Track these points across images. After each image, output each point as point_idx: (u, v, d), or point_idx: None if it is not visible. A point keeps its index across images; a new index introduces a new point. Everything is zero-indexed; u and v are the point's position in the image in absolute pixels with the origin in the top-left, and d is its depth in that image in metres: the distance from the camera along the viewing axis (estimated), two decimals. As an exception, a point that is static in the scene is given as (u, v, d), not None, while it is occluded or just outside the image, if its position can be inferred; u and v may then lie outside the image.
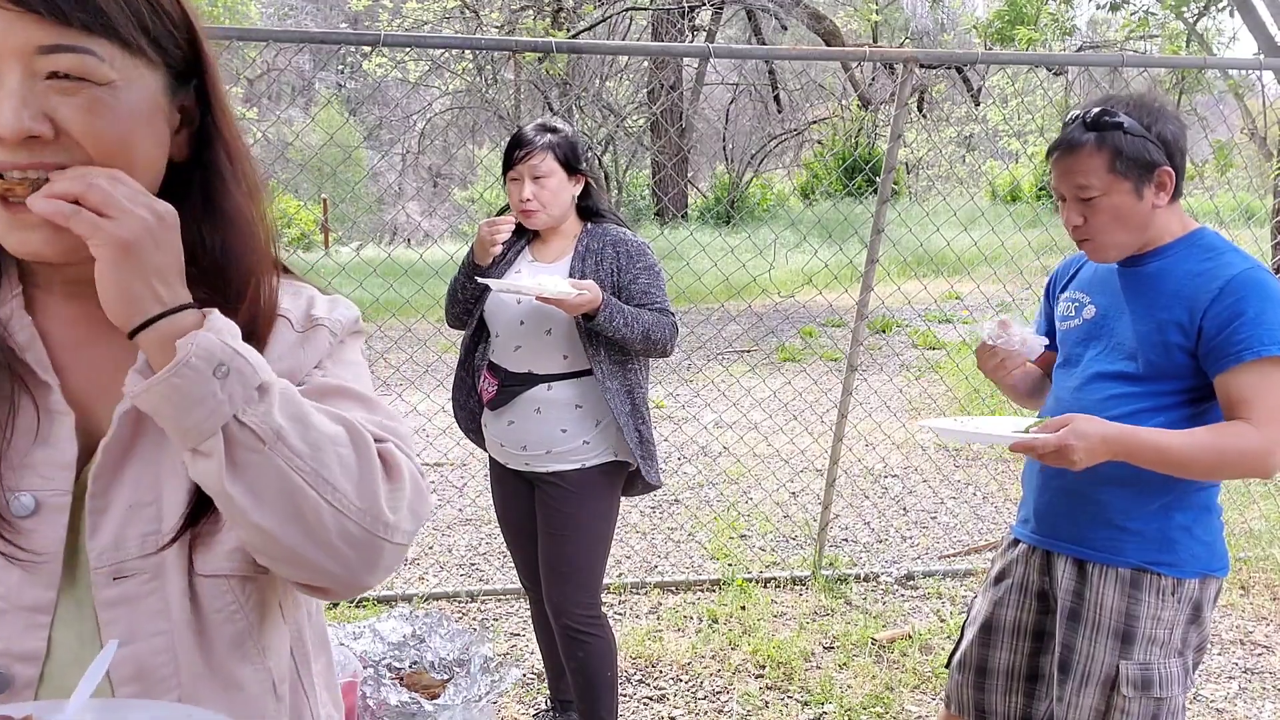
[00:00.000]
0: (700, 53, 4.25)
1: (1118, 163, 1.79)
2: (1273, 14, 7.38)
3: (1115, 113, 1.80)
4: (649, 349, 2.49)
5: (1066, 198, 1.86)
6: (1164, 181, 1.82)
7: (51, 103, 0.75)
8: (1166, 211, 1.85)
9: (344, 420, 0.82)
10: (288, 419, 0.77)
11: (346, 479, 0.79)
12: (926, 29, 20.23)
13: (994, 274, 5.57)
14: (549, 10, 15.76)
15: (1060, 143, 1.86)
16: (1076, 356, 1.98)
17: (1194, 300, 1.78)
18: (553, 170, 2.52)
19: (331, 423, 0.81)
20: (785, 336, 9.50)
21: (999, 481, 5.47)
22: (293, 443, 0.77)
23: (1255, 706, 3.14)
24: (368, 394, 0.92)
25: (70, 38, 0.75)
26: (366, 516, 0.80)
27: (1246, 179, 8.82)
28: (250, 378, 0.76)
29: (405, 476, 0.85)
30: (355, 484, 0.80)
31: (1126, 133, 1.79)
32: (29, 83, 0.74)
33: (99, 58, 0.76)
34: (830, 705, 3.09)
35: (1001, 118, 17.28)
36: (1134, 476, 1.84)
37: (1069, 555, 1.94)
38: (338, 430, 0.81)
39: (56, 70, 0.75)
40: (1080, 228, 1.86)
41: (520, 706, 3.08)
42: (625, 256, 2.52)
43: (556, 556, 2.53)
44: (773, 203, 16.88)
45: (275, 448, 0.76)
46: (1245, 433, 1.71)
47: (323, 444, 0.79)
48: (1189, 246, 1.85)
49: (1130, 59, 3.91)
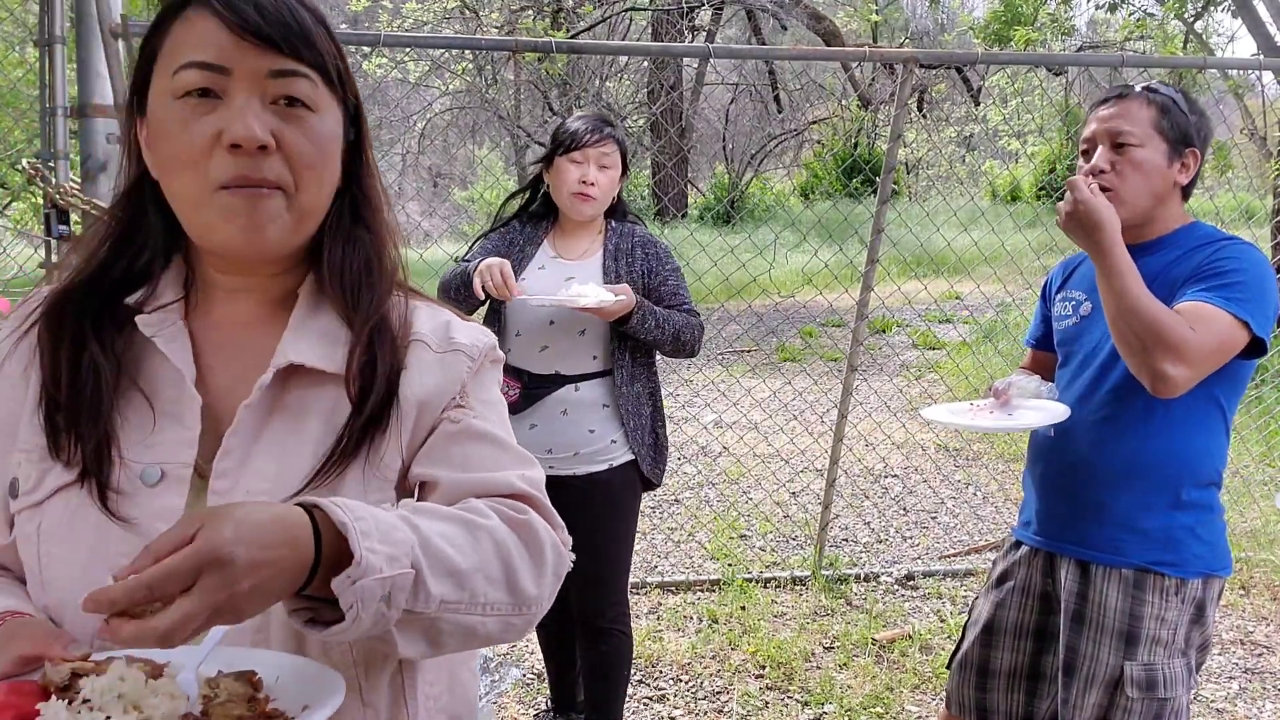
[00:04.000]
0: (700, 53, 4.25)
1: (1164, 121, 1.82)
2: (1272, 14, 7.38)
3: (1164, 89, 1.86)
4: (678, 350, 2.49)
5: (1099, 143, 1.86)
6: (1189, 162, 1.85)
7: (275, 123, 0.88)
8: (1175, 198, 1.87)
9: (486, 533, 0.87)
10: (440, 580, 0.82)
11: (496, 590, 0.87)
12: (926, 29, 20.24)
13: (994, 274, 5.57)
14: (549, 10, 15.75)
15: (1111, 94, 1.89)
16: (1075, 354, 1.98)
17: (1181, 275, 1.79)
18: (616, 163, 2.50)
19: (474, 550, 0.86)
20: (785, 336, 9.50)
21: (999, 481, 5.47)
22: (450, 597, 0.83)
23: (1255, 707, 3.14)
24: (507, 438, 1.00)
25: (296, 65, 0.89)
26: (518, 608, 0.89)
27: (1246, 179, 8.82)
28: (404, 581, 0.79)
29: (546, 548, 0.92)
30: (505, 589, 0.87)
31: (1175, 104, 1.84)
32: (263, 104, 0.88)
33: (314, 84, 0.91)
34: (830, 705, 3.09)
35: (1001, 118, 17.28)
36: (1136, 477, 1.84)
37: (1072, 557, 1.94)
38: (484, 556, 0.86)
39: (281, 95, 0.89)
40: (1105, 174, 1.83)
41: (520, 707, 3.08)
42: (654, 258, 2.52)
43: (590, 560, 2.51)
44: (772, 203, 16.86)
45: (438, 611, 0.82)
46: (1182, 325, 1.67)
47: (473, 579, 0.85)
48: (1185, 238, 1.86)
49: (1130, 59, 3.91)
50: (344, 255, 0.98)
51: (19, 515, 0.94)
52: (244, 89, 0.87)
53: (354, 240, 0.99)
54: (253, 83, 0.88)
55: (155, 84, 0.91)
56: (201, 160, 0.88)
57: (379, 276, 0.99)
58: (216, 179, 0.87)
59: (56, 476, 0.92)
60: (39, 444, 0.93)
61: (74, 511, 0.91)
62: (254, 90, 0.88)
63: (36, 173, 2.78)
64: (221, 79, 0.87)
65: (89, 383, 0.92)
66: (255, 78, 0.88)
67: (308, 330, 0.96)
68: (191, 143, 0.87)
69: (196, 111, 0.87)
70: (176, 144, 0.88)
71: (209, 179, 0.88)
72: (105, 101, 2.84)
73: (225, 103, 0.88)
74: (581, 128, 2.49)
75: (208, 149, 0.87)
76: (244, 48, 0.87)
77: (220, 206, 0.88)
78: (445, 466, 0.96)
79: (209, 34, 0.87)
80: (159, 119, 0.90)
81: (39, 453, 0.93)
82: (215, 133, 0.87)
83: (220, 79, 0.87)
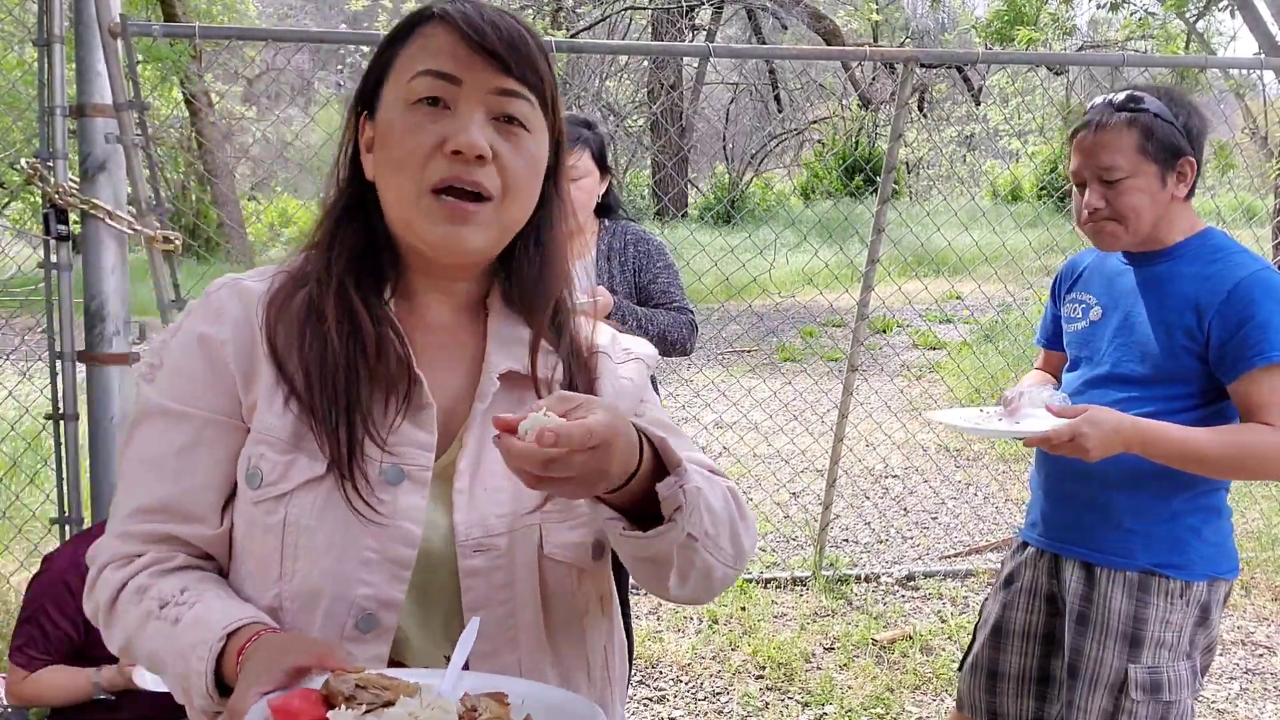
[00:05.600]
0: (700, 52, 4.25)
1: (1148, 144, 1.76)
2: (1273, 13, 7.37)
3: (1143, 98, 1.78)
4: (668, 349, 2.47)
5: (1087, 180, 1.82)
6: (1185, 172, 1.79)
7: (494, 137, 0.95)
8: (1180, 207, 1.83)
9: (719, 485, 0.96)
10: (705, 511, 0.90)
11: (727, 538, 0.95)
12: (927, 28, 20.22)
13: (994, 274, 5.56)
14: (548, 10, 15.74)
15: (1087, 122, 1.81)
16: (1085, 359, 1.96)
17: (1203, 303, 1.75)
18: (589, 170, 2.45)
19: (715, 494, 0.94)
20: (785, 336, 9.49)
21: (1000, 482, 5.46)
22: (710, 531, 0.91)
23: (1257, 707, 3.13)
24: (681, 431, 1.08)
25: (519, 87, 0.95)
26: (736, 560, 0.96)
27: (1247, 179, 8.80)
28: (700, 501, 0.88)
29: (749, 514, 1.00)
30: (730, 539, 0.95)
31: (1156, 117, 1.76)
32: (485, 118, 0.94)
33: (532, 106, 0.97)
34: (831, 706, 3.08)
35: (1002, 117, 17.26)
36: (1142, 479, 1.83)
37: (1077, 559, 1.92)
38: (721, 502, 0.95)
39: (502, 113, 0.95)
40: (1100, 211, 1.81)
41: (520, 708, 3.07)
42: (645, 256, 2.50)
43: None
44: (773, 202, 16.85)
45: (703, 541, 0.90)
46: (1265, 432, 1.70)
47: (720, 519, 0.93)
48: (1199, 247, 1.83)
49: (1131, 59, 3.91)
50: (527, 270, 1.04)
51: (258, 506, 0.94)
52: (471, 101, 0.94)
53: (539, 258, 1.05)
54: (479, 97, 0.94)
55: (388, 89, 0.97)
56: (422, 164, 0.93)
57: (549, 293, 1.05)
58: (430, 181, 0.93)
59: (303, 469, 0.94)
60: (283, 435, 0.95)
61: (321, 505, 0.93)
62: (479, 104, 0.94)
63: (35, 172, 2.77)
64: (452, 89, 0.94)
65: (338, 377, 0.95)
66: (482, 92, 0.94)
67: (506, 338, 1.03)
68: (417, 147, 0.93)
69: (425, 118, 0.94)
70: (402, 148, 0.94)
71: (424, 181, 0.93)
72: (104, 101, 2.83)
73: (452, 113, 0.94)
74: None
75: (430, 154, 0.93)
76: (476, 62, 0.94)
77: (429, 207, 0.94)
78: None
79: (447, 46, 0.94)
80: (388, 122, 0.96)
81: (283, 444, 0.94)
82: (439, 139, 0.93)
83: (451, 89, 0.94)
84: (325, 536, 0.93)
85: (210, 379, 0.97)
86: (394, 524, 0.93)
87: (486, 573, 0.95)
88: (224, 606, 0.91)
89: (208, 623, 0.88)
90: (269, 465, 0.94)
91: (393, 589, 0.93)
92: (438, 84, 0.94)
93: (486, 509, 0.96)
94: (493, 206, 0.95)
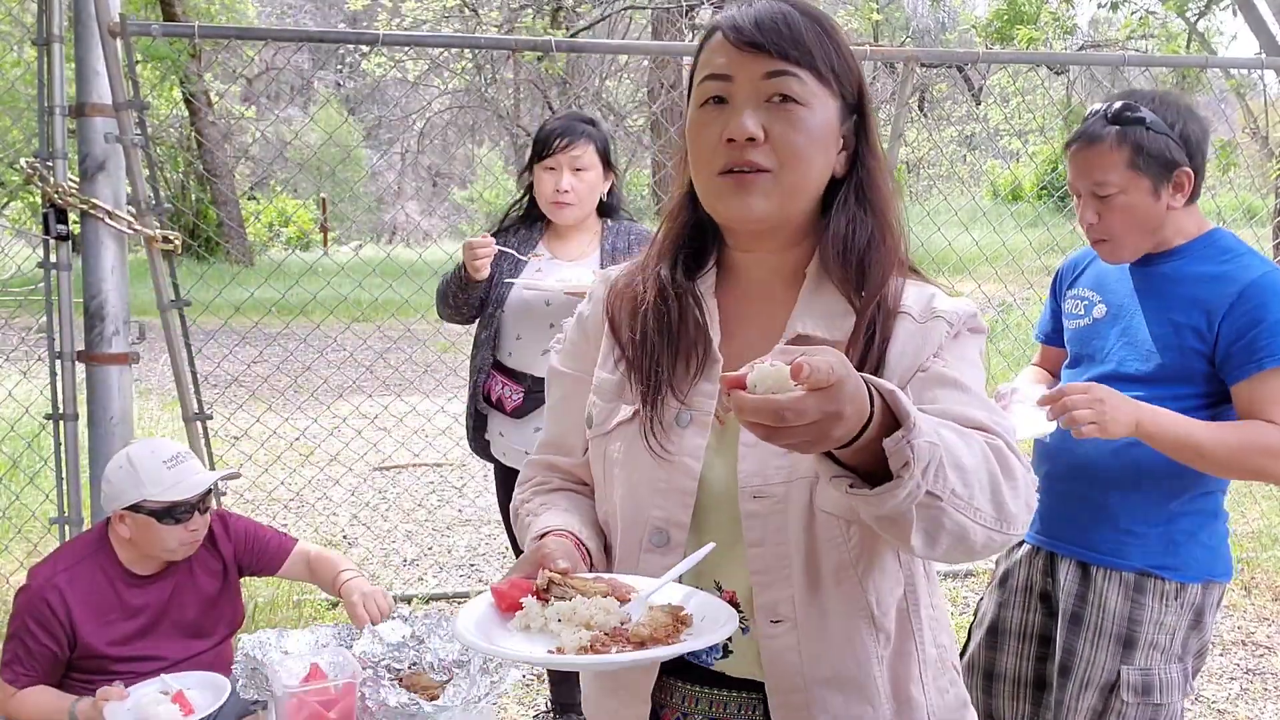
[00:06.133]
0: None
1: (1139, 160, 1.74)
2: (1274, 13, 7.37)
3: (1138, 108, 1.76)
4: None
5: (1082, 194, 1.82)
6: (1182, 182, 1.77)
7: (767, 118, 1.06)
8: (1183, 212, 1.81)
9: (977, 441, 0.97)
10: (951, 468, 0.90)
11: (983, 497, 0.94)
12: (927, 28, 20.23)
13: (995, 274, 5.55)
14: (548, 9, 15.74)
15: (1080, 135, 1.81)
16: (1086, 357, 1.95)
17: (1211, 305, 1.75)
18: (593, 164, 2.46)
19: (969, 452, 0.94)
20: (785, 336, 9.46)
21: (1000, 481, 5.44)
22: (958, 490, 0.91)
23: (1257, 707, 3.13)
24: (974, 386, 1.08)
25: (785, 66, 1.06)
26: (1000, 522, 0.96)
27: (1248, 178, 8.80)
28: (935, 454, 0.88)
29: (1019, 474, 0.99)
30: (990, 499, 0.95)
31: (1149, 129, 1.74)
32: (757, 103, 1.06)
33: (802, 81, 1.06)
34: (831, 706, 3.07)
35: (1002, 117, 17.26)
36: (1139, 480, 1.82)
37: (1073, 558, 1.92)
38: (976, 459, 0.95)
39: (775, 94, 1.06)
40: (1095, 226, 1.82)
41: (520, 708, 3.07)
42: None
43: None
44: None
45: (947, 500, 0.90)
46: (1269, 431, 1.69)
47: (972, 477, 0.93)
48: (1205, 247, 1.82)
49: (1132, 58, 3.91)
50: (846, 233, 1.12)
51: (593, 443, 1.21)
52: (744, 94, 1.07)
53: (856, 220, 1.13)
54: (751, 86, 1.06)
55: (691, 101, 1.13)
56: (710, 155, 1.09)
57: (880, 255, 1.12)
58: (717, 167, 1.08)
59: (620, 414, 1.17)
60: (611, 387, 1.19)
61: (629, 443, 1.15)
62: (751, 92, 1.07)
63: (35, 172, 2.77)
64: (728, 85, 1.08)
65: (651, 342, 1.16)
66: (752, 81, 1.06)
67: (813, 306, 1.12)
68: (707, 142, 1.09)
69: (710, 116, 1.09)
70: (696, 144, 1.11)
71: (713, 168, 1.09)
72: (103, 100, 2.82)
73: (730, 107, 1.08)
74: (551, 133, 2.47)
75: (715, 146, 1.08)
76: (742, 56, 1.07)
77: (719, 187, 1.09)
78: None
79: (720, 51, 1.09)
80: (690, 125, 1.12)
81: (609, 394, 1.19)
82: (719, 132, 1.07)
83: (727, 85, 1.08)
84: (629, 468, 1.15)
85: (581, 347, 1.25)
86: (679, 459, 1.12)
87: (763, 516, 1.09)
88: (548, 518, 1.19)
89: (534, 529, 1.19)
90: (598, 411, 1.19)
91: (680, 513, 1.12)
92: (715, 84, 1.08)
93: (768, 462, 1.08)
94: (771, 177, 1.07)
